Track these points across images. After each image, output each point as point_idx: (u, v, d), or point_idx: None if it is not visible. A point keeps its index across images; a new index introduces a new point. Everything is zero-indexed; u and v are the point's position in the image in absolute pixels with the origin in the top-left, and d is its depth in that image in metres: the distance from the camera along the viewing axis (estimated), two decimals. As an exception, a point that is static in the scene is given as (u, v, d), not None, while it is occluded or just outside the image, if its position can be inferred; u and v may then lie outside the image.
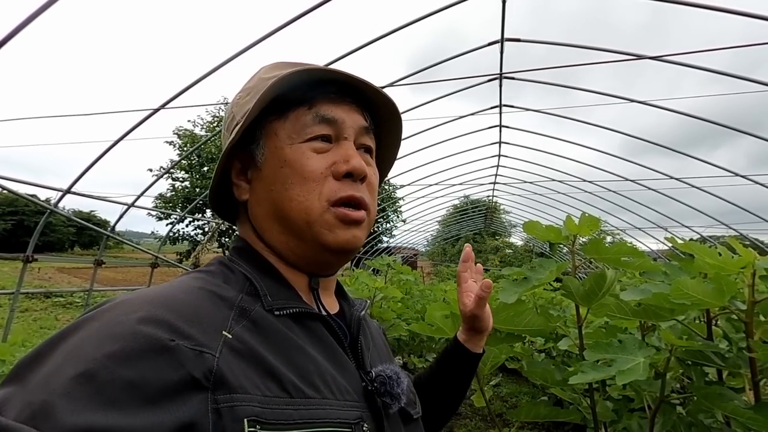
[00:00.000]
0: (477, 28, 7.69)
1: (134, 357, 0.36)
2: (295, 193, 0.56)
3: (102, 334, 0.38)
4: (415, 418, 0.63)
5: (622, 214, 10.47)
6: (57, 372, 0.35)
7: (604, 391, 1.31)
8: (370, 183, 0.61)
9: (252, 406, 0.40)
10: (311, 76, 0.58)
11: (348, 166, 0.57)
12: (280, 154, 0.57)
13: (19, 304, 3.74)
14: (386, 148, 0.71)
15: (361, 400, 0.52)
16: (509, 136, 7.82)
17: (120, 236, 6.00)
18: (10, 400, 0.34)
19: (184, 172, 20.59)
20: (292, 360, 0.47)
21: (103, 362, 0.35)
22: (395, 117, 0.67)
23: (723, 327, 1.07)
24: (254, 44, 3.49)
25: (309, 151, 0.57)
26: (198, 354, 0.40)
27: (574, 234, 1.08)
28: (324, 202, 0.55)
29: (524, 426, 3.83)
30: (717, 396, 0.86)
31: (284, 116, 0.59)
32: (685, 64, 4.05)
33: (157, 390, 0.36)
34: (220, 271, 0.55)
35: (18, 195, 3.69)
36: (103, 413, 0.33)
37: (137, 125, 3.94)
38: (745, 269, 0.86)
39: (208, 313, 0.45)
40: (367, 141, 0.63)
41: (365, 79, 0.61)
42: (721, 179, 6.37)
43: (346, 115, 0.59)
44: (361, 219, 0.58)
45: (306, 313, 0.54)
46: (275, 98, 0.58)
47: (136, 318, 0.40)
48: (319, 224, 0.55)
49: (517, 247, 26.59)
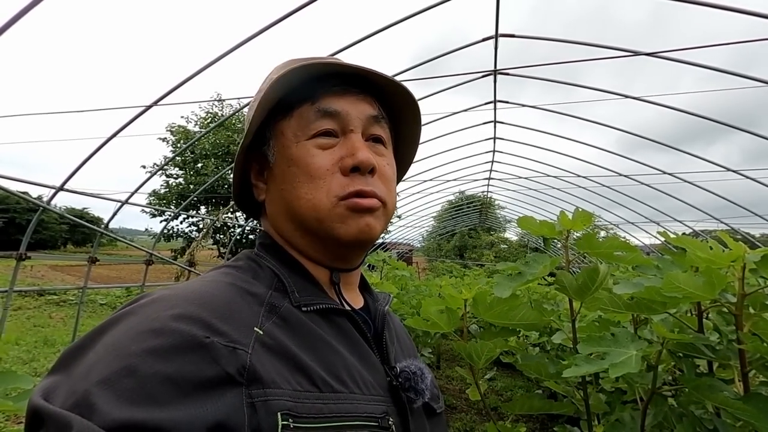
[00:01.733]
0: (480, 25, 7.68)
1: (172, 353, 0.37)
2: (303, 191, 0.55)
3: (141, 329, 0.39)
4: (438, 412, 0.64)
5: (616, 210, 10.56)
6: (98, 364, 0.37)
7: (597, 384, 1.33)
8: (382, 174, 0.59)
9: (284, 400, 0.41)
10: (311, 72, 0.57)
11: (354, 160, 0.55)
12: (287, 153, 0.57)
13: (12, 302, 3.71)
14: (405, 140, 0.70)
15: (386, 395, 0.52)
16: (504, 132, 7.84)
17: (114, 233, 5.95)
18: (57, 388, 0.36)
19: (177, 169, 20.44)
20: (320, 355, 0.48)
21: (143, 357, 0.36)
22: (410, 104, 0.64)
23: (714, 320, 1.09)
24: (248, 39, 3.47)
25: (314, 148, 0.56)
26: (232, 350, 0.40)
27: (568, 229, 1.09)
28: (333, 198, 0.55)
29: (519, 419, 3.87)
30: (707, 387, 0.87)
31: (289, 115, 0.58)
32: (681, 60, 4.07)
33: (194, 385, 0.37)
34: (249, 266, 0.56)
35: (9, 192, 3.65)
36: (143, 407, 0.34)
37: (129, 122, 3.90)
38: (735, 263, 0.87)
39: (240, 310, 0.46)
40: (377, 131, 0.61)
41: (371, 68, 0.59)
42: (713, 174, 6.44)
43: (350, 107, 0.58)
44: (373, 206, 0.56)
45: (332, 309, 0.54)
46: (282, 98, 0.57)
47: (173, 315, 0.41)
48: (329, 219, 0.55)
49: (512, 243, 26.74)
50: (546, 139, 7.61)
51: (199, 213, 18.97)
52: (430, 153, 8.71)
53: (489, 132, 7.86)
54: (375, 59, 4.35)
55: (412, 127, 0.68)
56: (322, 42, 13.32)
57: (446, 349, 6.76)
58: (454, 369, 5.88)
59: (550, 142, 7.85)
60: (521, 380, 5.48)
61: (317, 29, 15.47)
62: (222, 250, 18.21)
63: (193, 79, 3.71)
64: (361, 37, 3.97)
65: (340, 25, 8.95)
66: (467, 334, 1.24)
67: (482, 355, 1.13)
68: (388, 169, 0.61)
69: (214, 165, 19.15)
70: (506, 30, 4.41)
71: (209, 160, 19.40)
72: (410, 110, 0.65)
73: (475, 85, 5.71)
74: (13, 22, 2.34)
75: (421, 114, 0.68)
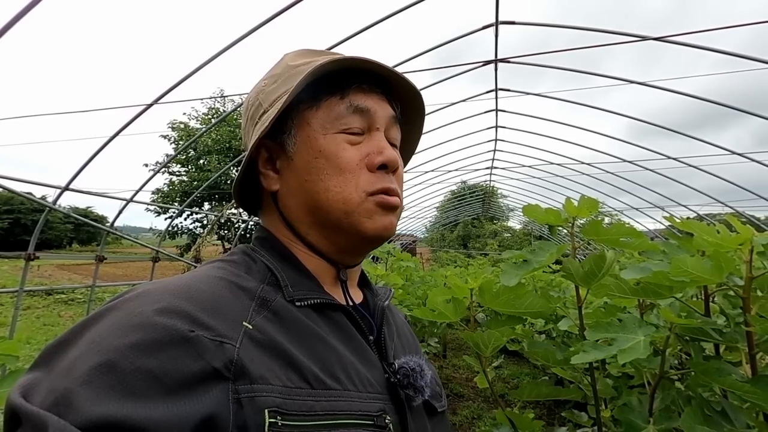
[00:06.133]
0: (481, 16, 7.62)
1: (154, 347, 0.37)
2: (332, 183, 0.55)
3: (123, 324, 0.39)
4: (440, 411, 0.63)
5: (620, 196, 10.49)
6: (79, 360, 0.36)
7: (604, 369, 1.34)
8: (399, 174, 0.60)
9: (273, 396, 0.40)
10: (344, 65, 0.56)
11: (383, 158, 0.56)
12: (314, 144, 0.56)
13: (22, 302, 3.75)
14: (408, 141, 0.70)
15: (384, 393, 0.51)
16: (506, 121, 7.78)
17: (119, 232, 5.99)
18: (36, 385, 0.35)
19: (180, 166, 20.46)
20: (313, 351, 0.47)
21: (124, 352, 0.36)
22: (420, 110, 0.66)
23: (720, 303, 1.09)
24: (249, 33, 3.43)
25: (344, 142, 0.56)
26: (218, 345, 0.40)
27: (573, 216, 1.08)
28: (362, 193, 0.55)
29: (526, 405, 3.90)
30: (715, 371, 0.87)
31: (316, 105, 0.57)
32: (694, 45, 3.99)
33: (177, 381, 0.36)
34: (242, 260, 0.55)
35: (15, 193, 3.67)
36: (123, 403, 0.33)
37: (131, 121, 3.90)
38: (743, 246, 0.87)
39: (228, 304, 0.45)
40: (394, 132, 0.62)
41: (398, 71, 0.59)
42: (719, 158, 6.38)
43: (377, 106, 0.59)
44: (397, 204, 0.58)
45: (328, 304, 0.53)
46: (306, 87, 0.56)
47: (156, 309, 0.40)
48: (358, 213, 0.55)
49: (515, 231, 26.68)
50: (550, 127, 7.55)
51: (203, 209, 18.99)
52: (432, 143, 8.67)
53: (491, 121, 7.81)
54: (382, 49, 4.23)
55: (416, 130, 0.70)
56: (323, 33, 13.21)
57: (452, 338, 6.80)
58: (461, 358, 5.92)
59: (554, 130, 7.78)
60: (527, 367, 5.52)
61: (318, 21, 15.34)
62: (227, 245, 18.28)
63: (194, 75, 3.69)
64: (366, 25, 3.90)
65: (342, 16, 8.87)
66: (474, 324, 1.24)
67: (490, 343, 1.14)
68: (401, 169, 0.62)
69: (217, 161, 19.15)
70: (535, 18, 4.35)
71: (212, 157, 19.39)
72: (419, 115, 0.66)
73: (479, 75, 5.66)
74: (12, 24, 2.34)
75: (425, 119, 0.69)
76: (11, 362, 1.14)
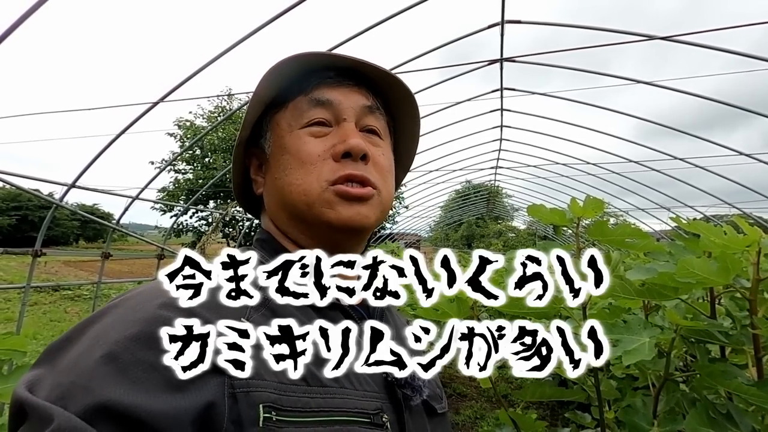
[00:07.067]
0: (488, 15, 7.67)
1: (155, 340, 0.38)
2: (295, 177, 0.56)
3: (125, 319, 0.40)
4: (440, 412, 0.63)
5: (626, 197, 10.43)
6: (84, 355, 0.37)
7: (608, 370, 1.33)
8: (376, 163, 0.59)
9: (268, 392, 0.41)
10: (304, 64, 0.57)
11: (345, 146, 0.56)
12: (281, 142, 0.58)
13: (29, 298, 3.78)
14: (406, 133, 0.70)
15: (382, 391, 0.52)
16: (511, 120, 7.75)
17: (126, 229, 6.03)
18: (41, 380, 0.37)
19: (186, 164, 20.56)
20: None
21: (125, 344, 0.37)
22: (407, 97, 0.65)
23: (726, 305, 1.08)
24: (257, 30, 3.43)
25: (306, 136, 0.57)
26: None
27: (579, 216, 1.08)
28: (323, 183, 0.55)
29: (529, 406, 3.89)
30: (720, 373, 0.87)
31: (284, 107, 0.59)
32: (701, 44, 3.94)
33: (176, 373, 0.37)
34: None
35: (23, 190, 3.71)
36: (124, 391, 0.34)
37: (138, 118, 3.91)
38: (750, 247, 0.86)
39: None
40: (371, 121, 0.61)
41: (365, 60, 0.59)
42: (727, 159, 6.32)
43: (343, 97, 0.58)
44: (364, 195, 0.56)
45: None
46: (279, 91, 0.58)
47: (157, 303, 0.41)
48: (319, 204, 0.55)
49: (519, 231, 26.59)
50: (556, 127, 7.51)
51: (208, 207, 19.09)
52: (436, 142, 8.66)
53: (496, 120, 7.78)
54: (387, 48, 4.21)
55: (410, 120, 0.68)
56: (329, 32, 13.19)
57: (455, 338, 6.78)
58: (463, 358, 5.89)
59: (560, 130, 7.74)
60: (531, 368, 5.49)
61: (325, 19, 15.32)
62: (232, 243, 18.36)
63: (200, 73, 3.70)
64: (372, 24, 3.88)
65: (348, 15, 8.85)
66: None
67: (493, 343, 1.14)
68: (383, 158, 0.61)
69: (223, 159, 19.23)
70: (549, 18, 4.34)
71: (218, 155, 19.48)
72: (408, 102, 0.65)
73: (485, 75, 5.64)
74: (20, 23, 2.35)
75: (418, 106, 0.67)
76: (18, 357, 1.16)
